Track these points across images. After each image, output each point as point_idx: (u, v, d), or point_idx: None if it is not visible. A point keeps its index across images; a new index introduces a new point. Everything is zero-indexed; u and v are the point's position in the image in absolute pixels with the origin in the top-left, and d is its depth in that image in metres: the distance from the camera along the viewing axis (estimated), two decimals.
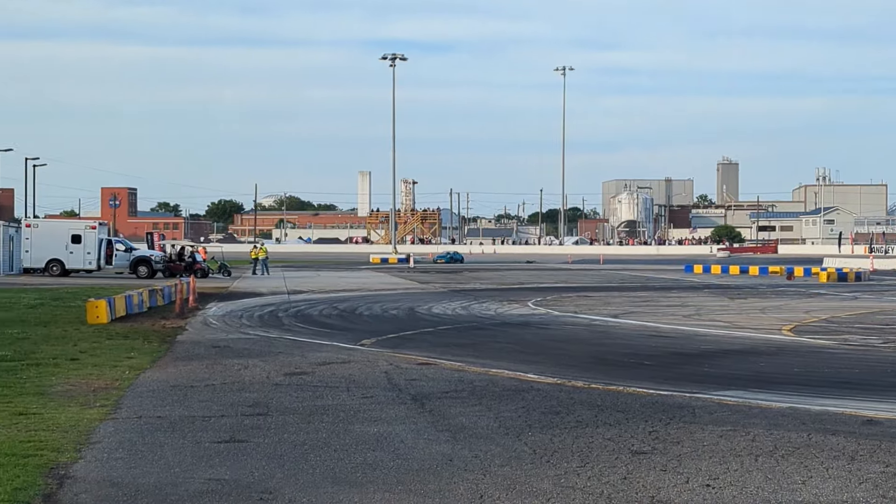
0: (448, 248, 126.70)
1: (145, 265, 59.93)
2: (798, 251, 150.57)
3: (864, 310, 37.30)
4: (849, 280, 61.12)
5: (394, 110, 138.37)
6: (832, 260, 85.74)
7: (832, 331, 28.90)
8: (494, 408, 15.39)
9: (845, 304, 40.24)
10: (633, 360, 22.06)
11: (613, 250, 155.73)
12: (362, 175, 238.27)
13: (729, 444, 12.76)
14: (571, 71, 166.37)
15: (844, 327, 30.09)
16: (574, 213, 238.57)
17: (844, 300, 43.08)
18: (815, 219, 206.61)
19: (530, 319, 32.79)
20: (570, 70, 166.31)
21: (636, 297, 45.41)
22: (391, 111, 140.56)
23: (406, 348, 23.73)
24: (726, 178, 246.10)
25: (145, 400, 16.00)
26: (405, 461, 11.83)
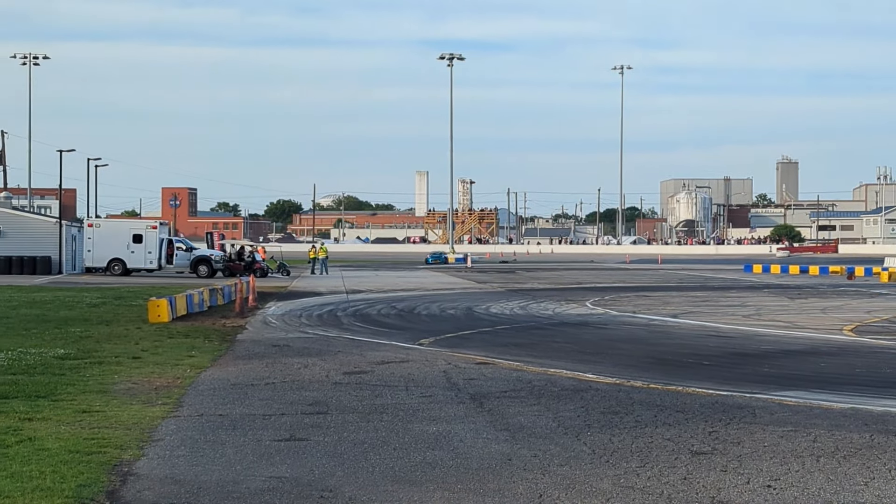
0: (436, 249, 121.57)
1: (205, 265, 60.52)
2: (859, 251, 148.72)
3: None
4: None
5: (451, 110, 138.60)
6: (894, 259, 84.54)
7: (894, 331, 28.55)
8: (553, 407, 15.38)
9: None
10: (692, 360, 21.94)
11: (672, 250, 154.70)
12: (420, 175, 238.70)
13: (790, 444, 12.66)
14: (629, 70, 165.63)
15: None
16: (632, 212, 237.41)
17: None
18: (876, 218, 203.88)
19: (588, 319, 32.71)
20: (627, 69, 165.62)
21: (695, 296, 45.12)
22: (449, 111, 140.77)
23: (464, 347, 23.77)
24: (786, 177, 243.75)
25: (206, 398, 16.16)
26: (464, 460, 11.86)
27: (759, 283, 58.95)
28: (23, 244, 60.12)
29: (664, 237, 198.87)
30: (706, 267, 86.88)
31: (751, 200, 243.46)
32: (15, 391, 16.22)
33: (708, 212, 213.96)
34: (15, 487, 10.25)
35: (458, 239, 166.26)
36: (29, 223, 64.17)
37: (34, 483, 10.43)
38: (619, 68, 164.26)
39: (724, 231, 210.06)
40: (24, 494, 9.99)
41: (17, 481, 10.50)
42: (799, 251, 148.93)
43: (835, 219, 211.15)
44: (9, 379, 17.48)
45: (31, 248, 60.11)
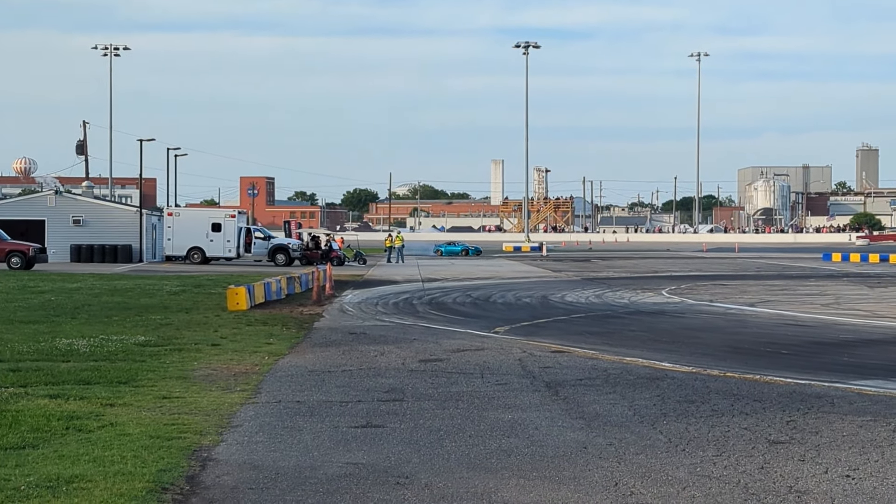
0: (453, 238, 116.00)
1: (283, 253, 61.06)
2: None
3: None
4: None
5: (527, 98, 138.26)
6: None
7: None
8: (629, 396, 15.35)
9: None
10: (769, 349, 21.75)
11: (749, 238, 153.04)
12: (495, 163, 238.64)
13: (869, 434, 12.52)
14: (706, 57, 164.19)
15: None
16: (709, 200, 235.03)
17: None
18: None
19: (664, 308, 32.53)
20: (704, 56, 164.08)
21: (772, 285, 44.66)
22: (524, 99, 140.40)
23: (539, 336, 23.77)
24: (866, 165, 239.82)
25: (284, 385, 16.34)
26: (539, 448, 11.89)
27: (837, 271, 58.16)
28: (104, 233, 61.12)
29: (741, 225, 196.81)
30: (784, 255, 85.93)
31: (830, 188, 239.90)
32: (97, 377, 16.52)
33: (786, 200, 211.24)
34: (97, 471, 10.46)
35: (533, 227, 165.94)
36: (110, 212, 65.23)
37: (115, 468, 10.63)
38: (696, 55, 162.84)
39: (802, 219, 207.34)
40: (105, 479, 10.19)
41: (98, 465, 10.71)
42: (879, 239, 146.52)
43: None
44: (91, 365, 17.82)
45: (112, 236, 61.10)
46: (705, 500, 9.76)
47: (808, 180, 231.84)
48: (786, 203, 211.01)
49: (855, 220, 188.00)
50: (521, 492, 10.05)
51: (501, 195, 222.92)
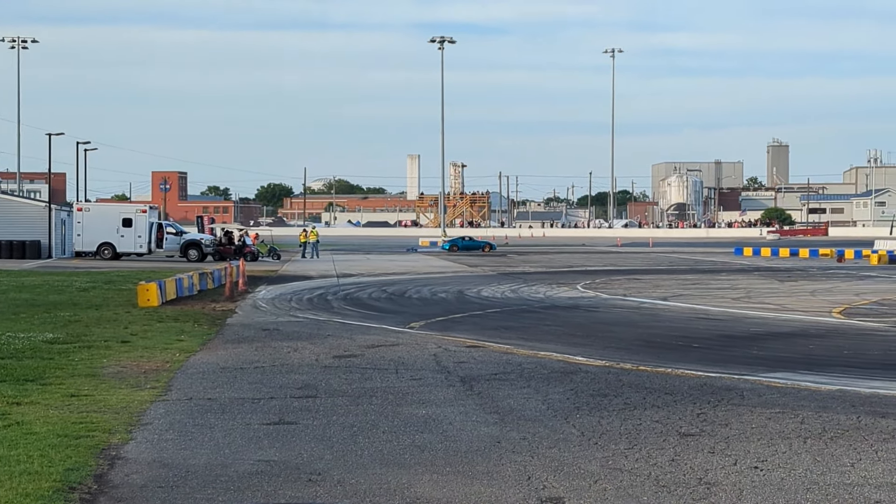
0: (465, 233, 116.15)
1: (196, 249, 60.44)
2: (849, 234, 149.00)
3: None
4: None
5: (442, 93, 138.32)
6: (883, 242, 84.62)
7: (883, 313, 28.65)
8: (543, 390, 15.41)
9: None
10: (681, 342, 21.99)
11: (663, 233, 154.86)
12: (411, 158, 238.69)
13: (777, 426, 12.70)
14: (621, 53, 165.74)
15: (895, 310, 29.83)
16: (623, 195, 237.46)
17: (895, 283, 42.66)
18: (866, 201, 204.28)
19: (579, 302, 32.75)
20: (619, 52, 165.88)
21: (685, 279, 45.20)
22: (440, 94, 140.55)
23: (455, 331, 23.79)
24: (776, 161, 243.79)
25: (195, 382, 16.15)
26: (453, 443, 11.88)
27: (749, 265, 59.04)
28: (12, 228, 59.92)
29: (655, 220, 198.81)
30: (697, 250, 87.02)
31: (741, 184, 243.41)
32: (3, 375, 16.19)
33: (699, 195, 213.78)
34: (2, 471, 10.24)
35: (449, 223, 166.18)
36: (18, 207, 64.08)
37: (21, 467, 10.41)
38: (611, 52, 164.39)
39: (714, 214, 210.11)
40: (10, 478, 9.98)
41: (3, 465, 10.48)
42: (789, 234, 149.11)
43: (825, 202, 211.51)
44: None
45: (20, 232, 59.90)
46: (616, 492, 9.82)
47: (721, 176, 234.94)
48: (698, 198, 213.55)
49: (766, 214, 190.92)
50: (434, 487, 10.02)
51: (418, 190, 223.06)
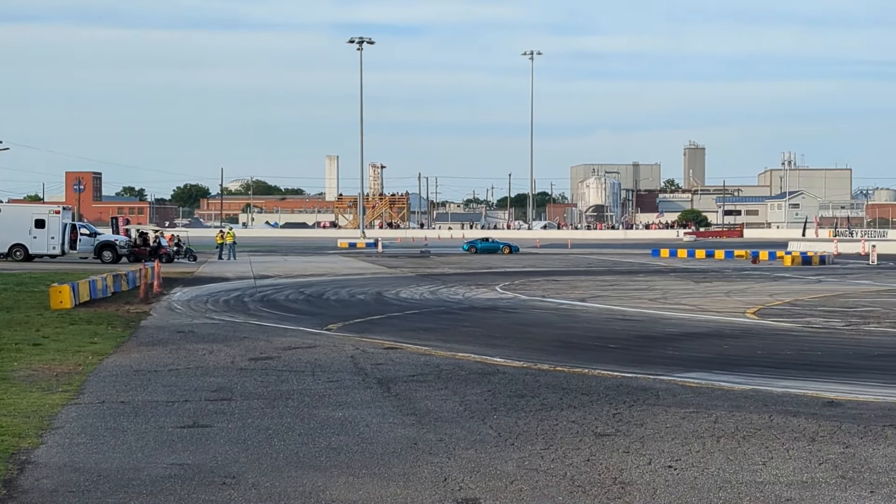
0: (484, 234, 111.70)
1: (110, 250, 59.61)
2: (763, 235, 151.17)
3: (827, 293, 37.54)
4: (813, 263, 61.53)
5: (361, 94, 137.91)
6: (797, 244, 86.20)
7: (795, 314, 29.09)
8: (460, 391, 15.41)
9: (809, 288, 40.49)
10: (598, 343, 22.13)
11: (581, 234, 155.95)
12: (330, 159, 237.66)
13: (691, 425, 12.83)
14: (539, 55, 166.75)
15: (807, 310, 30.29)
16: (542, 197, 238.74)
17: (808, 283, 43.35)
18: (780, 203, 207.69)
19: (498, 303, 32.83)
20: (537, 54, 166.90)
21: (603, 280, 45.54)
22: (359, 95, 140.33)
23: (373, 333, 23.72)
24: (693, 163, 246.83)
25: (108, 385, 15.92)
26: (370, 445, 11.83)
27: (665, 267, 59.67)
28: None
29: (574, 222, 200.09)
30: (615, 251, 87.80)
31: (659, 186, 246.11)
32: None
33: (617, 197, 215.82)
34: None
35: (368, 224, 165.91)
36: None
37: None
38: (529, 54, 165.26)
39: (632, 216, 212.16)
40: None
41: None
42: (705, 235, 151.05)
43: (740, 204, 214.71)
44: None
45: None
46: (532, 493, 9.84)
47: (639, 178, 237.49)
48: (617, 200, 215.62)
49: (683, 216, 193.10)
50: (349, 489, 9.97)
51: (336, 191, 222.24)
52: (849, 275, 50.37)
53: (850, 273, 52.07)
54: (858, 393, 15.23)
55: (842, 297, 35.74)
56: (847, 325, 25.90)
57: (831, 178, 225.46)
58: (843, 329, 24.99)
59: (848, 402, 14.46)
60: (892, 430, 12.46)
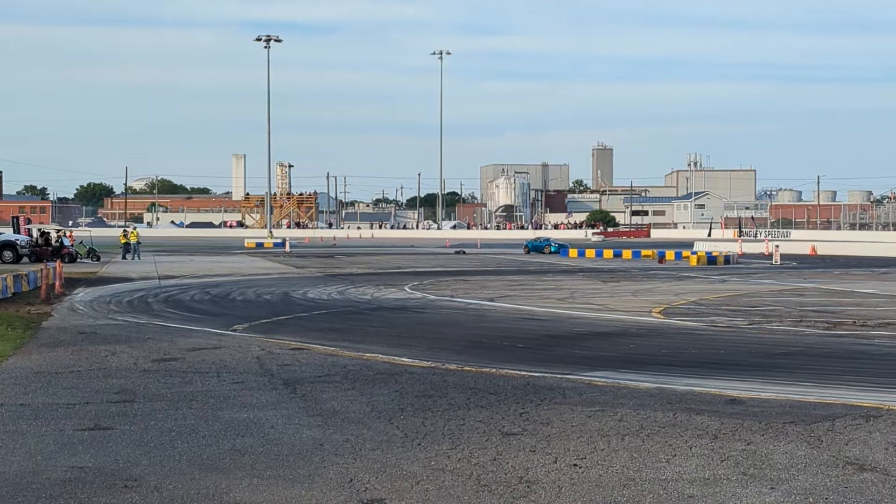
0: (541, 234, 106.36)
1: (10, 250, 58.42)
2: (670, 235, 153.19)
3: (731, 292, 38.11)
4: (718, 263, 62.44)
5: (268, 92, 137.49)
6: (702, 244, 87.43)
7: (700, 313, 29.48)
8: (367, 392, 15.33)
9: (714, 287, 41.07)
10: (506, 342, 22.18)
11: (491, 234, 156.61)
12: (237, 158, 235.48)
13: (597, 424, 12.91)
14: (449, 55, 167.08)
15: (712, 309, 30.70)
16: (452, 197, 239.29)
17: (713, 283, 43.97)
18: (686, 203, 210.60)
19: (406, 304, 32.78)
20: (447, 54, 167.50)
21: (512, 280, 45.74)
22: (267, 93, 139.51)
23: (279, 333, 23.53)
24: (601, 164, 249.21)
25: (7, 387, 15.57)
26: (275, 446, 11.71)
27: (574, 266, 60.10)
28: None
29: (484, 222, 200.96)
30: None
31: (568, 186, 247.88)
32: None
33: (526, 197, 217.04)
34: None
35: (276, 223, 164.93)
36: None
37: None
38: (439, 53, 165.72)
39: (541, 216, 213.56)
40: None
41: None
42: (613, 235, 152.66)
43: (648, 204, 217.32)
44: None
45: None
46: (438, 493, 9.81)
47: (548, 178, 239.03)
48: (526, 200, 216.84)
49: (591, 216, 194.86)
50: (253, 492, 9.85)
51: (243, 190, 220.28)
52: (752, 274, 51.22)
53: (753, 273, 52.95)
54: (760, 391, 15.43)
55: (745, 296, 36.31)
56: (750, 323, 26.30)
57: (736, 180, 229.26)
58: (746, 328, 25.36)
59: (750, 400, 14.66)
60: (793, 427, 12.66)
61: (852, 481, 10.18)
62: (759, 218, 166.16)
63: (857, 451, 11.43)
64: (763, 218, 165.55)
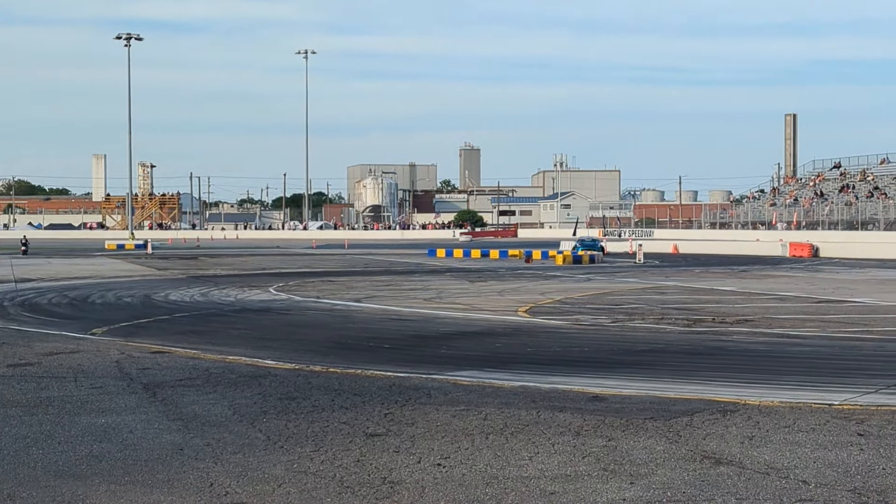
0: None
1: None
2: (537, 235, 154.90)
3: (595, 291, 38.65)
4: (583, 262, 63.27)
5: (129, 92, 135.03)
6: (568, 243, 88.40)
7: (565, 311, 29.81)
8: (229, 395, 15.12)
9: (579, 286, 41.59)
10: (372, 343, 22.11)
11: (358, 235, 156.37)
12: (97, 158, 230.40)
13: (462, 423, 12.92)
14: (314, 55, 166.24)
15: (577, 308, 31.09)
16: (319, 197, 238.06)
17: (578, 282, 44.54)
18: (552, 203, 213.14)
19: (271, 305, 32.48)
20: (312, 53, 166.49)
21: (379, 281, 45.68)
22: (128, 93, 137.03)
23: (140, 336, 23.10)
24: (469, 164, 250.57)
25: None
26: (133, 452, 11.47)
27: (441, 266, 60.29)
28: None
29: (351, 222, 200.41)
30: (392, 251, 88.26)
31: (435, 186, 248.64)
32: None
33: (394, 197, 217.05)
34: None
35: (138, 225, 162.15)
36: None
37: None
38: (304, 53, 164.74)
39: (409, 216, 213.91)
40: None
41: None
42: (481, 235, 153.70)
43: (515, 204, 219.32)
44: None
45: None
46: (300, 495, 9.71)
47: (415, 178, 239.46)
48: (394, 200, 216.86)
49: (459, 216, 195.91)
50: (111, 498, 9.62)
51: (104, 191, 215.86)
52: (616, 273, 52.01)
53: (617, 271, 53.78)
54: (622, 387, 15.66)
55: (609, 294, 36.86)
56: (613, 321, 26.69)
57: (601, 180, 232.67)
58: (609, 325, 25.73)
59: (612, 397, 14.85)
60: (653, 423, 12.86)
61: (709, 475, 10.38)
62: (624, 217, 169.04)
63: (714, 445, 11.66)
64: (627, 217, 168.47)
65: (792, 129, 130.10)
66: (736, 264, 60.88)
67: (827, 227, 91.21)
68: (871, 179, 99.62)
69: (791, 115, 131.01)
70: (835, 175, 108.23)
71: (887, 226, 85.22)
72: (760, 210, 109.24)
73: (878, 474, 10.39)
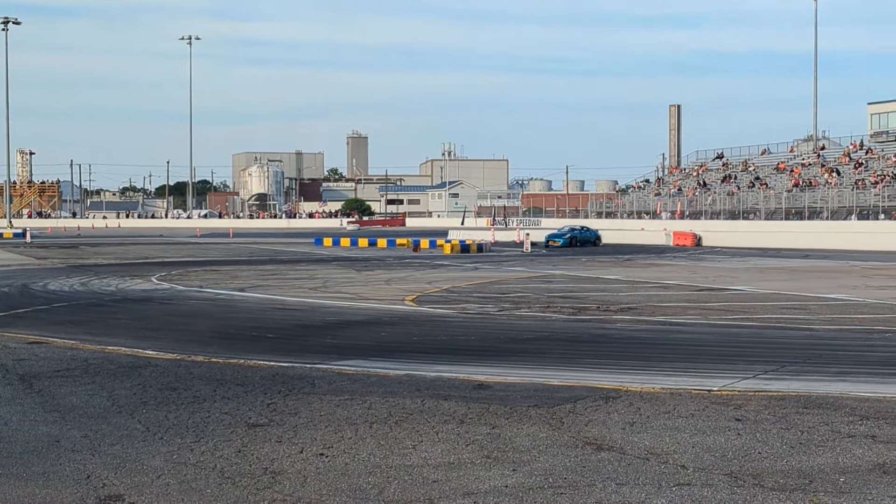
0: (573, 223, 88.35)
1: None
2: (425, 224, 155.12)
3: (482, 279, 38.82)
4: (471, 251, 63.59)
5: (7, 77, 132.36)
6: (456, 232, 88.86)
7: (452, 300, 29.87)
8: (108, 386, 14.83)
9: (466, 275, 41.73)
10: (256, 333, 21.88)
11: (244, 224, 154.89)
12: None
13: (345, 412, 12.85)
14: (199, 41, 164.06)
15: (463, 296, 31.17)
16: (203, 185, 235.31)
17: (466, 270, 44.70)
18: (440, 192, 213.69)
19: (153, 295, 31.97)
20: (196, 39, 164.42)
21: (264, 270, 45.28)
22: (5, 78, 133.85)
23: (16, 327, 22.55)
24: (356, 152, 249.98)
25: None
26: (8, 444, 11.17)
27: (328, 256, 59.99)
28: None
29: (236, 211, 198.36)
30: (277, 241, 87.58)
31: (323, 174, 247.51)
32: None
33: (280, 185, 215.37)
34: None
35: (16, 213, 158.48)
36: None
37: None
38: (188, 38, 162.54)
39: (296, 205, 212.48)
40: None
41: None
42: (369, 224, 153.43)
43: (403, 193, 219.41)
44: None
45: None
46: (180, 486, 9.54)
47: (302, 166, 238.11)
48: (280, 189, 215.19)
49: (346, 205, 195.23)
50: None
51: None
52: (504, 262, 52.31)
53: (505, 260, 54.09)
54: (507, 375, 15.72)
55: (496, 283, 37.04)
56: (500, 310, 26.81)
57: (490, 169, 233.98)
58: (496, 314, 25.84)
59: (497, 385, 14.90)
60: (536, 410, 12.92)
61: (590, 461, 10.46)
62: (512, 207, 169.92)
63: (595, 432, 11.76)
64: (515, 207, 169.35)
65: (676, 120, 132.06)
66: (621, 253, 61.70)
67: (710, 217, 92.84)
68: (753, 170, 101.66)
69: (675, 106, 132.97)
70: (717, 165, 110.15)
71: (768, 215, 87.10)
72: (646, 200, 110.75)
73: (754, 458, 10.58)
